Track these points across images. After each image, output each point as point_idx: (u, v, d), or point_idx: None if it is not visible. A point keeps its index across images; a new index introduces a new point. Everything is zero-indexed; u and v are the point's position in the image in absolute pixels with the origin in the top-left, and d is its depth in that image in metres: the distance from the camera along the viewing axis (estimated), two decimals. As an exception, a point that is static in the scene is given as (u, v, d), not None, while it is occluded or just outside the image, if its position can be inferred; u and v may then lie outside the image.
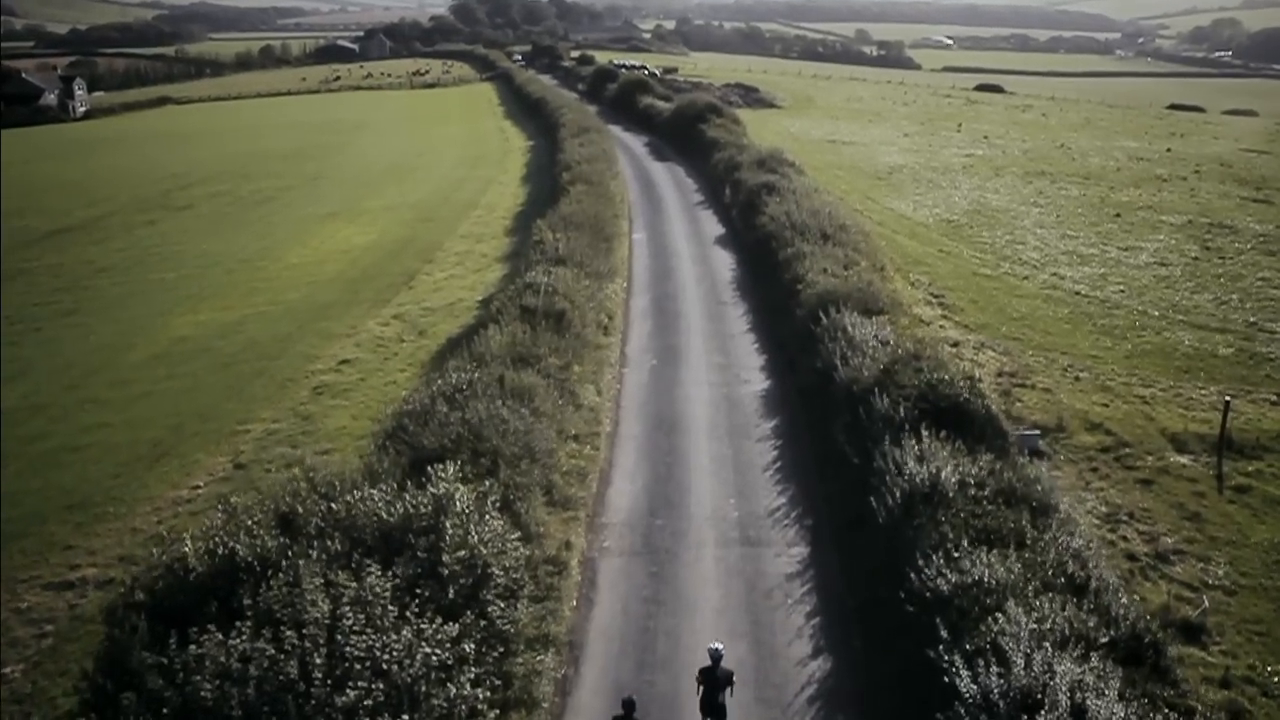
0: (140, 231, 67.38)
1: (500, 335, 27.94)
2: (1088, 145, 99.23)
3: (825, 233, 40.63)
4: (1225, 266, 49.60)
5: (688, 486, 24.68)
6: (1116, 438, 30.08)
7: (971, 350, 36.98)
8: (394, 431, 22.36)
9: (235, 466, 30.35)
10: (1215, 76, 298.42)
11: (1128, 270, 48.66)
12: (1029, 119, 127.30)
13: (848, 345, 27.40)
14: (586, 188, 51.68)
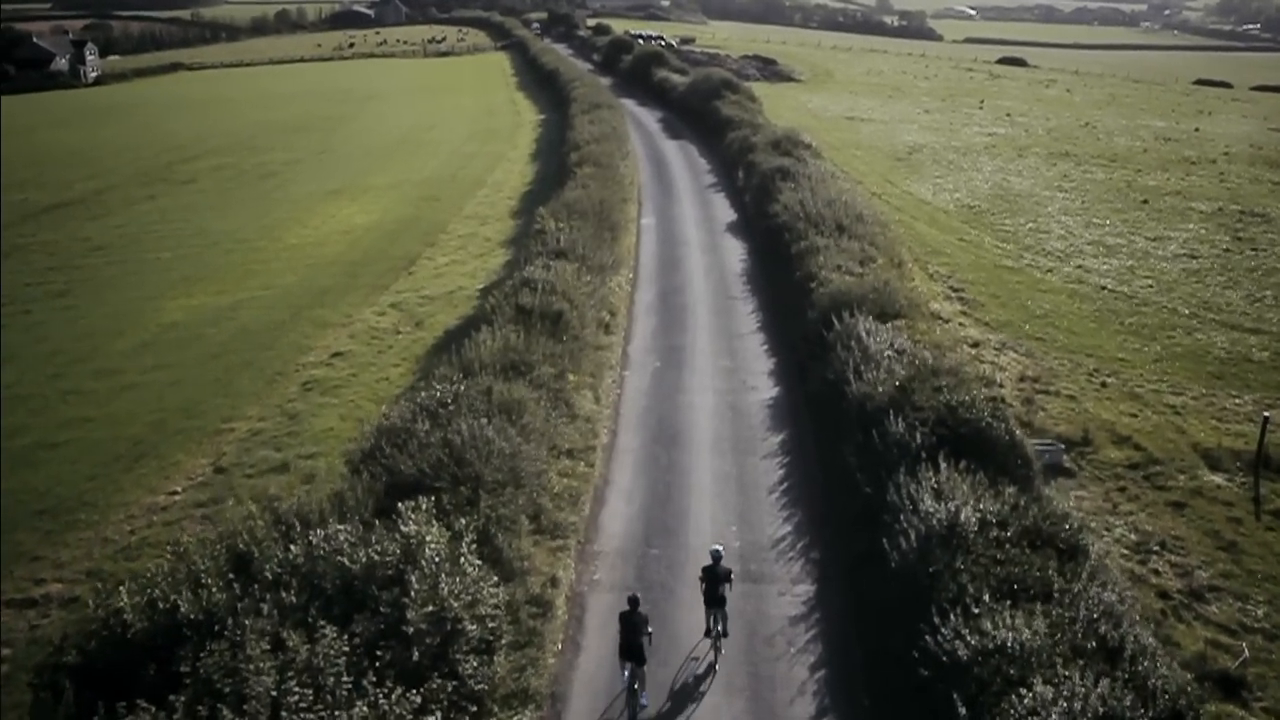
0: (140, 207, 65.87)
1: (492, 340, 26.29)
2: (1113, 124, 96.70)
3: (841, 224, 38.77)
4: (1258, 259, 47.58)
5: (687, 510, 23.06)
6: (1146, 453, 28.37)
7: (992, 352, 35.23)
8: (370, 452, 20.76)
9: (215, 470, 28.92)
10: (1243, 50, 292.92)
11: (1156, 263, 46.69)
12: (1053, 95, 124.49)
13: (861, 356, 25.66)
14: (594, 170, 49.81)
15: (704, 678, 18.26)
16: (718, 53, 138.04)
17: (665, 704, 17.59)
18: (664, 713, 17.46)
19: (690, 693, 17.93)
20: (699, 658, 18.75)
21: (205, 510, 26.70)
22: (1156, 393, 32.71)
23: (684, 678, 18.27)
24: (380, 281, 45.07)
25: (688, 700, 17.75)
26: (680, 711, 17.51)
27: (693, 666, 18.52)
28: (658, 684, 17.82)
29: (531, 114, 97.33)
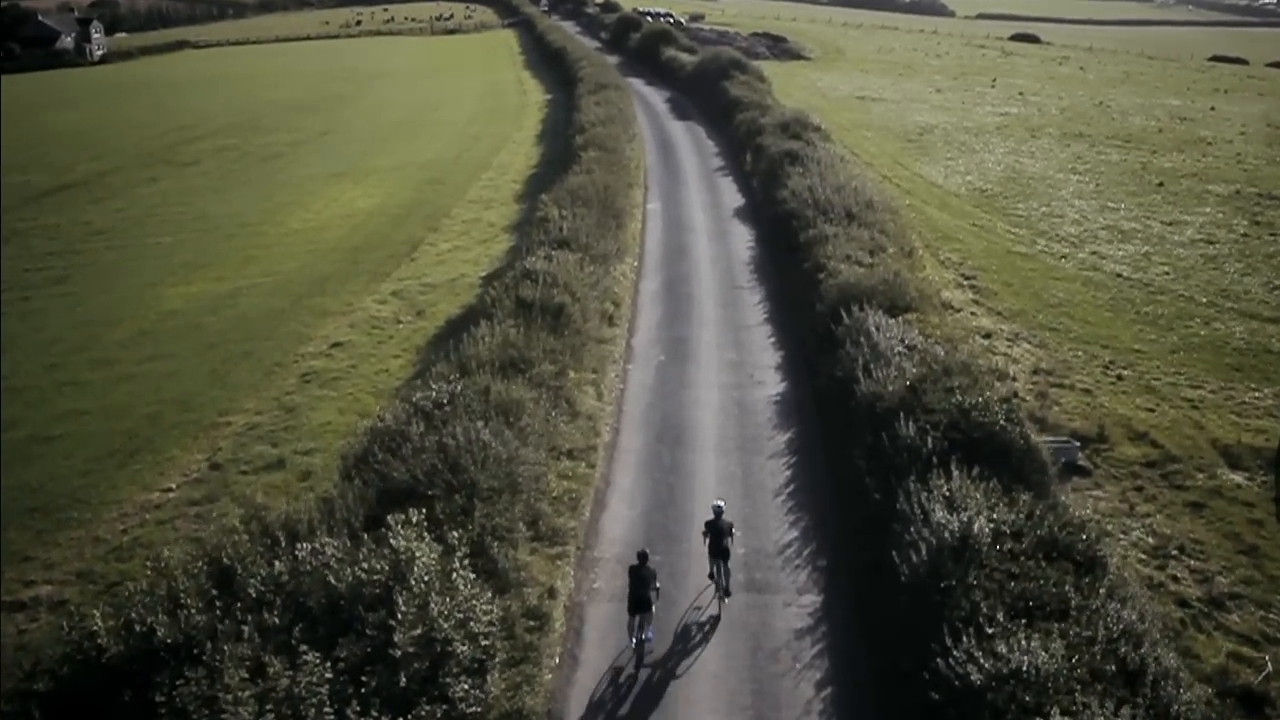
0: (141, 190, 65.20)
1: (491, 337, 25.56)
2: (1127, 103, 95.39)
3: (850, 211, 37.90)
4: (1278, 244, 46.63)
5: (691, 514, 22.36)
6: (1163, 450, 27.62)
7: (1005, 343, 34.46)
8: (363, 456, 20.10)
9: (211, 466, 28.32)
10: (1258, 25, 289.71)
11: (1172, 248, 45.77)
12: (1066, 73, 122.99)
13: (870, 353, 24.90)
14: (600, 154, 48.91)
15: (706, 624, 19.40)
16: (727, 30, 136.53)
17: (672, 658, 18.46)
18: (670, 667, 18.25)
19: (694, 638, 19.06)
20: (701, 606, 19.88)
21: (199, 509, 26.13)
22: (1174, 386, 31.92)
23: (688, 623, 19.45)
24: (382, 268, 44.37)
25: (692, 647, 18.85)
26: (685, 658, 18.54)
27: (695, 615, 19.67)
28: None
29: (538, 94, 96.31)
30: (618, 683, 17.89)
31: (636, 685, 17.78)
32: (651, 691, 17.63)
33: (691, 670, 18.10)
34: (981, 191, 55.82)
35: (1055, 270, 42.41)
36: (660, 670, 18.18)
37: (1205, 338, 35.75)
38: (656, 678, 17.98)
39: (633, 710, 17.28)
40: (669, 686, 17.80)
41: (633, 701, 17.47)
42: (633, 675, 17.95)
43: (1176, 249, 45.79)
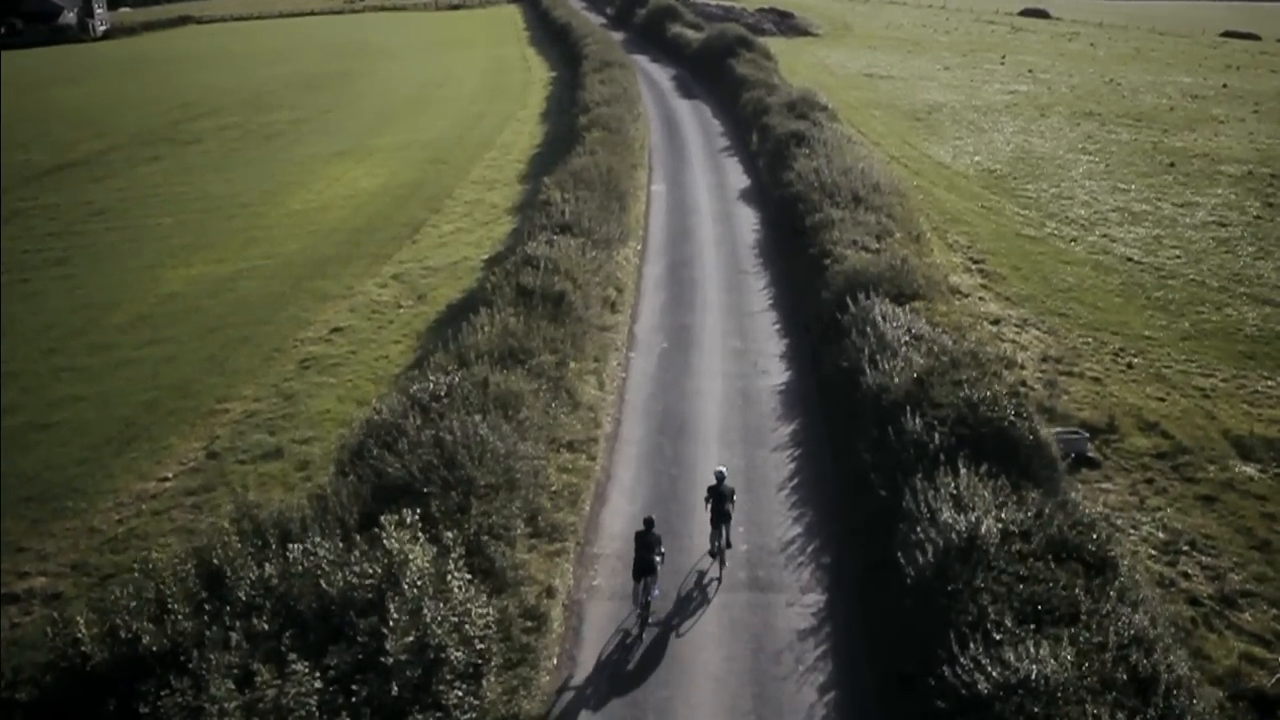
0: (143, 169, 64.64)
1: (490, 326, 25.11)
2: (1138, 80, 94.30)
3: (857, 194, 37.32)
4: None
5: (693, 508, 21.97)
6: (1174, 441, 27.17)
7: (1013, 330, 33.96)
8: (359, 450, 19.71)
9: (208, 455, 28.02)
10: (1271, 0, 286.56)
11: (1184, 231, 45.15)
12: (1076, 49, 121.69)
13: (877, 342, 24.44)
14: (604, 134, 48.29)
15: (708, 586, 20.41)
16: (733, 6, 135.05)
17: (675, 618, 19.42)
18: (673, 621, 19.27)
19: (698, 598, 20.07)
20: (704, 570, 20.84)
21: (195, 499, 25.85)
22: (1185, 374, 31.43)
23: (689, 587, 20.40)
24: (383, 251, 43.92)
25: (695, 606, 19.85)
26: (688, 615, 19.53)
27: (699, 578, 20.65)
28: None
29: (542, 71, 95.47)
30: (624, 644, 18.66)
31: (641, 645, 18.56)
32: (655, 650, 18.49)
33: (692, 632, 18.61)
34: (990, 172, 55.14)
35: (1065, 254, 41.84)
36: (664, 629, 19.04)
37: (1217, 324, 35.23)
38: (661, 637, 18.84)
39: (638, 666, 18.00)
40: (670, 644, 18.67)
41: (638, 659, 18.21)
42: (638, 636, 18.76)
43: (1188, 232, 45.15)
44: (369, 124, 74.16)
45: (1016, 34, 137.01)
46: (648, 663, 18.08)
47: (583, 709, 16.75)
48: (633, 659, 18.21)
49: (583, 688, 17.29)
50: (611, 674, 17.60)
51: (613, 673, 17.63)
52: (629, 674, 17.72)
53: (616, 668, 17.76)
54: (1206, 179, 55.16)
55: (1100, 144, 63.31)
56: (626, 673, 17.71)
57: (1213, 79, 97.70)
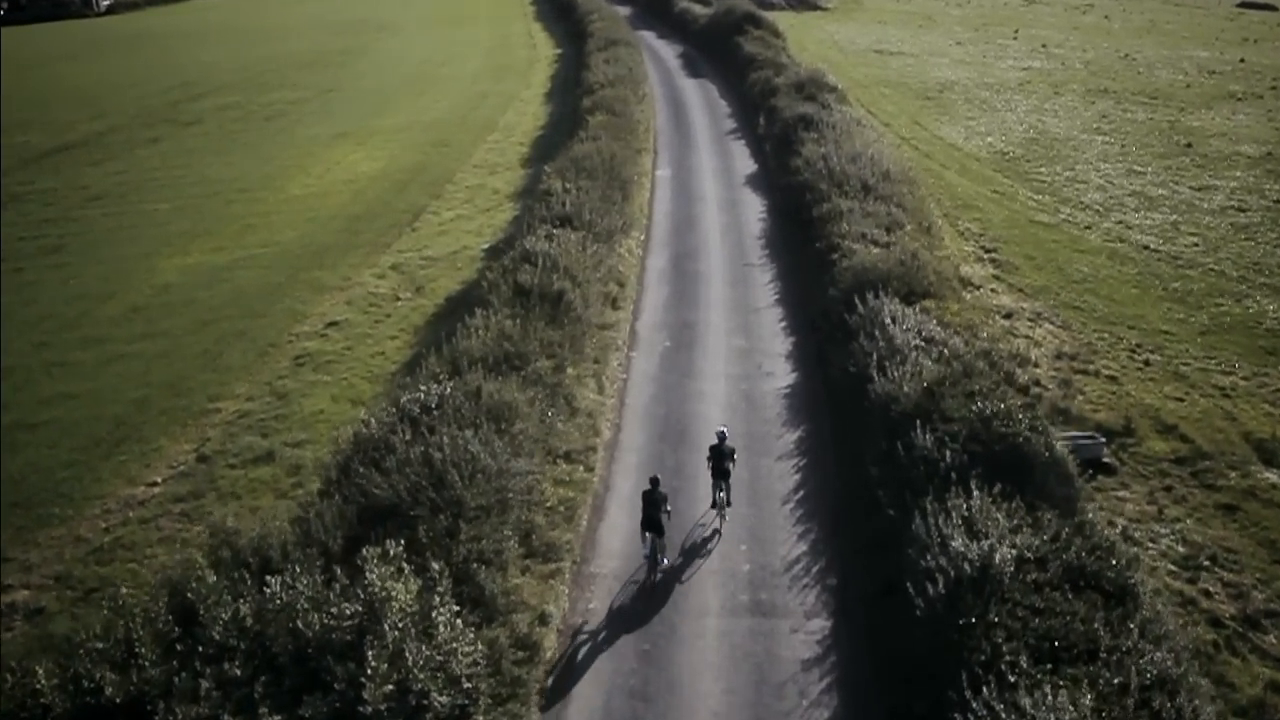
0: (141, 151, 63.74)
1: (485, 330, 24.23)
2: (1154, 55, 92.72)
3: (866, 183, 36.29)
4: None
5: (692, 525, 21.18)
6: (1193, 445, 26.27)
7: (1027, 324, 33.01)
8: (345, 466, 18.91)
9: (198, 458, 27.30)
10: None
11: (1201, 217, 44.06)
12: (1090, 21, 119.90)
13: (886, 346, 23.53)
14: (608, 118, 47.23)
15: (710, 539, 21.66)
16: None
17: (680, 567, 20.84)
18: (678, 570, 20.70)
19: (699, 550, 21.31)
20: (706, 524, 22.05)
21: (184, 506, 25.15)
22: (1204, 372, 30.50)
23: (693, 540, 21.63)
24: (382, 239, 43.05)
25: (696, 556, 21.16)
26: (690, 565, 20.79)
27: (700, 531, 21.86)
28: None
29: (548, 48, 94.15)
30: (632, 580, 20.26)
31: (650, 592, 19.99)
32: (661, 593, 19.98)
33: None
34: (1003, 154, 53.99)
35: (1079, 242, 40.81)
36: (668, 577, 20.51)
37: (1237, 317, 34.25)
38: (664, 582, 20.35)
39: (646, 607, 19.45)
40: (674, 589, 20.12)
41: (645, 599, 19.74)
42: (649, 585, 20.09)
43: (1206, 217, 44.06)
44: (371, 104, 73.08)
45: (1030, 7, 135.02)
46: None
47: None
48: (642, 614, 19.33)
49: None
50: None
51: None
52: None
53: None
54: (1224, 161, 53.96)
55: (1115, 123, 62.06)
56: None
57: (1229, 53, 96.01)
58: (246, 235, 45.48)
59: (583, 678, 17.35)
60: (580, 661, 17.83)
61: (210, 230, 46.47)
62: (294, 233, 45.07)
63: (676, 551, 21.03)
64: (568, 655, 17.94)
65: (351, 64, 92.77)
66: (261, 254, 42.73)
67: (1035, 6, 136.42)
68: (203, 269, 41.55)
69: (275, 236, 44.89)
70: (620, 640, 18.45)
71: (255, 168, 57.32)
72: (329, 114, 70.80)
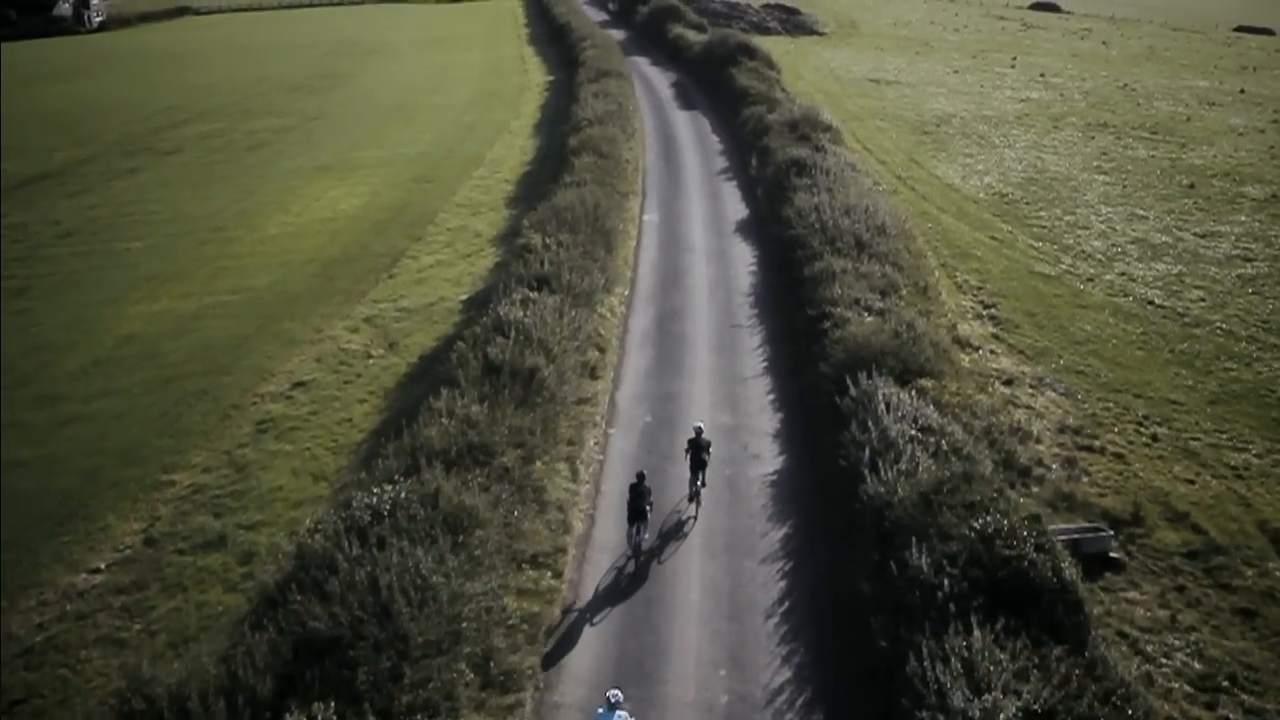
0: (119, 183, 62.09)
1: (449, 419, 22.50)
2: (1153, 85, 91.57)
3: (860, 239, 34.68)
4: (1320, 264, 43.35)
5: (669, 645, 19.43)
6: (1206, 537, 24.67)
7: (1028, 392, 31.40)
8: (286, 584, 17.17)
9: (146, 541, 25.63)
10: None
11: (1207, 267, 42.56)
12: (1088, 48, 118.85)
13: (879, 438, 21.85)
14: (594, 160, 45.57)
15: (685, 523, 24.15)
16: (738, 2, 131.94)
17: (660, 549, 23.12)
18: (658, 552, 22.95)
19: (676, 533, 23.80)
20: (681, 510, 24.65)
21: (126, 599, 23.48)
22: (1215, 448, 28.90)
23: (670, 527, 24.05)
24: (358, 286, 41.39)
25: (675, 539, 23.60)
26: (669, 547, 23.18)
27: (677, 517, 24.37)
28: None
29: (539, 74, 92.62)
30: (620, 572, 22.24)
31: (634, 572, 22.18)
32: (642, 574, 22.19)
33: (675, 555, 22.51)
34: (1002, 196, 52.48)
35: (1082, 296, 39.26)
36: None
37: (1248, 384, 32.69)
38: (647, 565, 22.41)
39: (630, 584, 21.61)
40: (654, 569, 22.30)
41: (630, 581, 21.81)
42: (632, 569, 22.23)
43: (1211, 268, 42.56)
44: (356, 134, 71.51)
45: (1027, 31, 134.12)
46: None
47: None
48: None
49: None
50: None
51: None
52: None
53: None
54: (1228, 203, 52.58)
55: (1116, 161, 60.67)
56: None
57: (1229, 82, 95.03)
58: (218, 279, 43.81)
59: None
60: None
61: (181, 273, 44.79)
62: (267, 278, 43.39)
63: (656, 533, 23.29)
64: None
65: (340, 89, 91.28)
66: (231, 301, 41.06)
67: (1033, 31, 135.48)
68: (169, 317, 39.89)
69: (247, 281, 43.21)
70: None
71: (233, 203, 55.66)
72: (313, 144, 69.21)
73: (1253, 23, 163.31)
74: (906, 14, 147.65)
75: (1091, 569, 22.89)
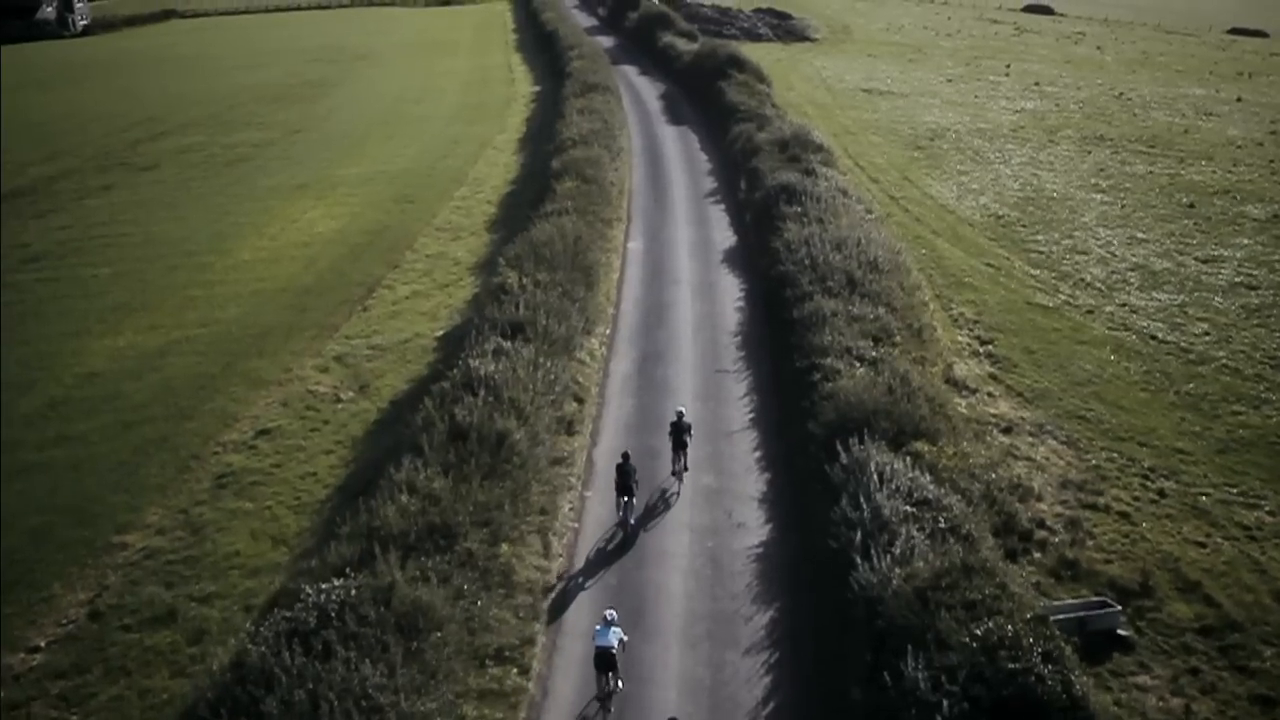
0: (91, 202, 60.49)
1: (409, 497, 20.90)
2: (1149, 93, 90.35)
3: (852, 277, 33.11)
4: (1327, 292, 41.92)
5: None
6: (1220, 611, 23.20)
7: (1028, 441, 29.93)
8: (216, 707, 15.57)
9: (91, 615, 24.12)
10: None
11: (1210, 296, 41.16)
12: (1083, 54, 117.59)
13: (871, 516, 20.30)
14: (577, 184, 43.94)
15: (669, 497, 26.44)
16: (729, 7, 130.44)
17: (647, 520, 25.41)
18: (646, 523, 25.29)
19: (662, 506, 26.12)
20: (667, 488, 26.89)
21: (65, 684, 21.96)
22: (1225, 504, 27.43)
23: (656, 502, 26.33)
24: (330, 319, 39.82)
25: (661, 511, 25.93)
26: (656, 517, 25.60)
27: (662, 493, 26.66)
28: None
29: (526, 84, 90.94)
30: (608, 536, 24.80)
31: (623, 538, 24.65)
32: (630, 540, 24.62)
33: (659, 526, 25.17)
34: (998, 218, 51.01)
35: (1082, 330, 37.80)
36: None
37: (1257, 429, 31.23)
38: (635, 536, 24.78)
39: (618, 548, 24.07)
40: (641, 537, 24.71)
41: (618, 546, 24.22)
42: (621, 536, 24.66)
43: (1215, 297, 41.15)
44: (337, 149, 69.88)
45: (1021, 36, 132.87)
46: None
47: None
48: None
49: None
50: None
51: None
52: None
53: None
54: (1229, 225, 51.23)
55: (1114, 178, 59.28)
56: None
57: (1225, 90, 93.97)
58: (186, 310, 42.21)
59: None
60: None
61: (148, 303, 43.18)
62: (237, 309, 41.80)
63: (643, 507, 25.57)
64: None
65: (323, 99, 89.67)
66: (199, 335, 39.45)
67: (1026, 35, 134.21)
68: (133, 353, 38.31)
69: (216, 313, 41.62)
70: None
71: (207, 224, 54.06)
72: (293, 160, 67.59)
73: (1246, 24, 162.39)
74: (900, 17, 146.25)
75: (1099, 649, 21.51)
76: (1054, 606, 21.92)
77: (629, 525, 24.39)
